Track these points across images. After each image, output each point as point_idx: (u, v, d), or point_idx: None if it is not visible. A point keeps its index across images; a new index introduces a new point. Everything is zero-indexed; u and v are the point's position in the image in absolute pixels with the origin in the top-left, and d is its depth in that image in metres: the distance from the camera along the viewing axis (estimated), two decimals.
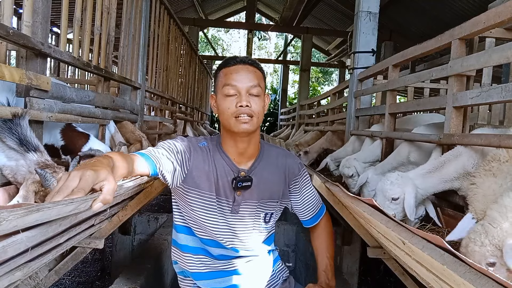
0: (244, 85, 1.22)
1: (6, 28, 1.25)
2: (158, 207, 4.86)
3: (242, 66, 1.26)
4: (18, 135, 1.29)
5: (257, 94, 1.24)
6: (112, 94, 2.68)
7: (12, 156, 1.29)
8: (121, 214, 1.75)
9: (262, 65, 1.36)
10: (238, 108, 1.21)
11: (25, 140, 1.30)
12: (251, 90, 1.23)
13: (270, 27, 12.22)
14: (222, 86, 1.24)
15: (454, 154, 1.77)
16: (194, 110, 7.17)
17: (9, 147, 1.28)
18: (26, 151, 1.29)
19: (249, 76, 1.24)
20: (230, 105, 1.22)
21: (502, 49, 1.55)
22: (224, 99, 1.23)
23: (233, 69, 1.25)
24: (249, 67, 1.26)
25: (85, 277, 3.50)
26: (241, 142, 1.29)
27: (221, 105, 1.24)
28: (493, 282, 0.60)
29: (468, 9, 6.12)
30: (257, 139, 1.34)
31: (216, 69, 1.34)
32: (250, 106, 1.21)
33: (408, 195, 1.73)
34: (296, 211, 1.49)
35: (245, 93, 1.22)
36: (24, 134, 1.30)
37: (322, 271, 1.44)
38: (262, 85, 1.27)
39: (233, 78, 1.23)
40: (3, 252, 0.67)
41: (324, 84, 21.54)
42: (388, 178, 1.82)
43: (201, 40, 15.48)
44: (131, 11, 2.90)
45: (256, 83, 1.24)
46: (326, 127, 4.81)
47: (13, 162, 1.29)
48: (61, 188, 0.76)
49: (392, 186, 1.77)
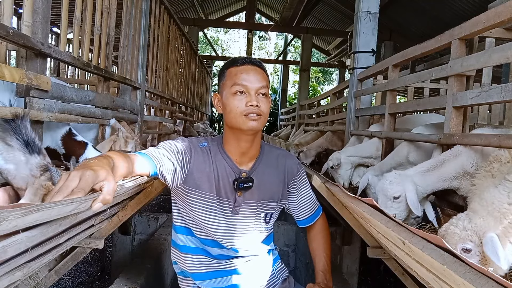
0: (254, 85, 1.24)
1: (6, 28, 1.25)
2: (158, 207, 4.86)
3: (251, 67, 1.28)
4: (24, 137, 1.25)
5: (265, 94, 1.26)
6: (112, 94, 2.68)
7: (11, 159, 1.24)
8: (121, 214, 1.75)
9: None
10: (248, 107, 1.22)
11: (32, 142, 1.26)
12: (260, 91, 1.25)
13: (270, 27, 12.22)
14: (231, 85, 1.25)
15: (453, 154, 1.77)
16: (194, 110, 7.17)
17: (7, 149, 1.23)
18: (31, 153, 1.26)
19: (258, 77, 1.26)
20: (239, 103, 1.23)
21: (502, 49, 1.55)
22: (233, 97, 1.24)
23: (243, 69, 1.27)
24: (257, 68, 1.29)
25: (85, 277, 3.50)
26: (244, 142, 1.30)
27: (230, 103, 1.25)
28: (493, 282, 0.60)
29: (468, 9, 6.12)
30: (259, 140, 1.35)
31: (221, 67, 1.35)
32: (260, 106, 1.23)
33: (409, 192, 1.73)
34: (292, 211, 1.50)
35: (255, 93, 1.24)
36: (30, 136, 1.27)
37: (319, 271, 1.45)
38: (268, 86, 1.31)
39: (243, 77, 1.24)
40: (3, 252, 0.67)
41: (324, 84, 21.54)
42: (387, 178, 1.82)
43: (201, 40, 15.48)
44: (131, 11, 2.90)
45: (264, 84, 1.27)
46: (326, 127, 4.81)
47: (11, 164, 1.24)
48: (61, 188, 0.76)
49: (392, 185, 1.77)
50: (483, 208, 1.21)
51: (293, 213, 1.51)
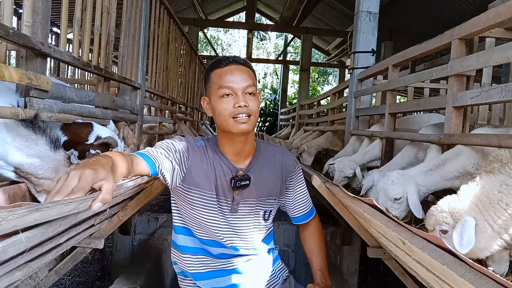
0: (240, 85, 1.23)
1: (6, 28, 1.25)
2: (158, 207, 4.85)
3: (235, 66, 1.26)
4: (49, 134, 1.36)
5: (253, 92, 1.25)
6: (112, 94, 2.68)
7: (34, 153, 1.32)
8: (121, 214, 1.75)
9: (262, 65, 1.38)
10: (236, 108, 1.21)
11: (56, 139, 1.37)
12: (247, 90, 1.24)
13: (270, 27, 12.22)
14: (217, 88, 1.24)
15: (455, 153, 1.77)
16: (194, 110, 7.16)
17: (27, 145, 1.31)
18: (56, 148, 1.35)
19: (243, 76, 1.25)
20: (227, 106, 1.22)
21: (502, 49, 1.55)
22: (220, 100, 1.23)
23: (227, 70, 1.25)
24: (242, 67, 1.27)
25: (85, 277, 3.50)
26: (238, 142, 1.30)
27: (218, 107, 1.24)
28: (493, 282, 0.60)
29: (468, 9, 6.12)
30: (252, 138, 1.35)
31: (206, 69, 1.34)
32: (248, 106, 1.22)
33: (411, 195, 1.71)
34: (287, 207, 1.50)
35: (242, 93, 1.23)
36: (54, 134, 1.38)
37: (317, 270, 1.46)
38: (255, 84, 1.29)
39: (228, 79, 1.23)
40: (3, 252, 0.67)
41: (323, 84, 21.51)
42: (389, 178, 1.81)
43: (201, 40, 15.48)
44: (131, 11, 2.90)
45: (251, 83, 1.25)
46: (326, 127, 4.81)
47: (35, 158, 1.31)
48: (61, 188, 0.76)
49: (394, 186, 1.76)
50: (467, 193, 1.23)
51: (288, 210, 1.51)
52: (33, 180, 1.34)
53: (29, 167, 1.31)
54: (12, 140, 1.28)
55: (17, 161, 1.30)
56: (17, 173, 1.34)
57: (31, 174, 1.32)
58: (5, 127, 1.29)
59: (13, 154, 1.28)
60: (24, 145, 1.30)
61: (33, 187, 1.36)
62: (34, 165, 1.31)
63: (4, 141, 1.27)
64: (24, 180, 1.36)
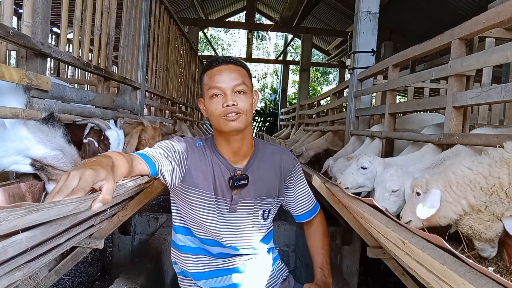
0: (228, 84, 1.24)
1: (6, 28, 1.25)
2: (158, 207, 4.86)
3: (224, 66, 1.27)
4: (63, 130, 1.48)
5: (243, 91, 1.25)
6: (112, 94, 2.68)
7: (57, 146, 1.43)
8: (121, 214, 1.75)
9: (262, 65, 1.39)
10: (225, 108, 1.22)
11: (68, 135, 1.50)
12: (236, 88, 1.24)
13: (270, 27, 12.21)
14: (207, 89, 1.26)
15: (453, 152, 1.77)
16: (194, 110, 7.16)
17: (49, 139, 1.41)
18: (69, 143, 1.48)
19: (232, 75, 1.25)
20: (217, 106, 1.24)
21: (502, 49, 1.55)
22: (210, 101, 1.25)
23: (216, 70, 1.26)
24: (231, 66, 1.27)
25: (85, 277, 3.50)
26: (234, 142, 1.30)
27: (209, 107, 1.26)
28: (493, 282, 0.60)
29: (468, 9, 6.12)
30: (249, 138, 1.36)
31: (201, 71, 1.35)
32: (237, 104, 1.22)
33: (408, 188, 1.72)
34: (289, 206, 1.50)
35: (231, 93, 1.23)
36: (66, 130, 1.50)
37: (318, 268, 1.46)
38: (247, 82, 1.28)
39: (217, 79, 1.24)
40: (3, 252, 0.67)
41: (323, 84, 21.50)
42: (388, 171, 1.82)
43: (201, 40, 15.48)
44: (131, 11, 2.90)
45: (240, 81, 1.25)
46: (326, 127, 4.81)
47: (58, 151, 1.43)
48: (61, 188, 0.76)
49: (392, 177, 1.77)
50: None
51: (290, 209, 1.51)
52: (49, 171, 1.44)
53: (52, 159, 1.42)
54: (33, 135, 1.37)
55: (40, 154, 1.39)
56: (35, 165, 1.43)
57: (51, 165, 1.43)
58: (24, 124, 1.36)
59: (36, 148, 1.38)
60: (46, 139, 1.40)
61: (45, 176, 1.45)
62: (58, 157, 1.43)
63: (24, 137, 1.35)
64: (39, 171, 1.45)
